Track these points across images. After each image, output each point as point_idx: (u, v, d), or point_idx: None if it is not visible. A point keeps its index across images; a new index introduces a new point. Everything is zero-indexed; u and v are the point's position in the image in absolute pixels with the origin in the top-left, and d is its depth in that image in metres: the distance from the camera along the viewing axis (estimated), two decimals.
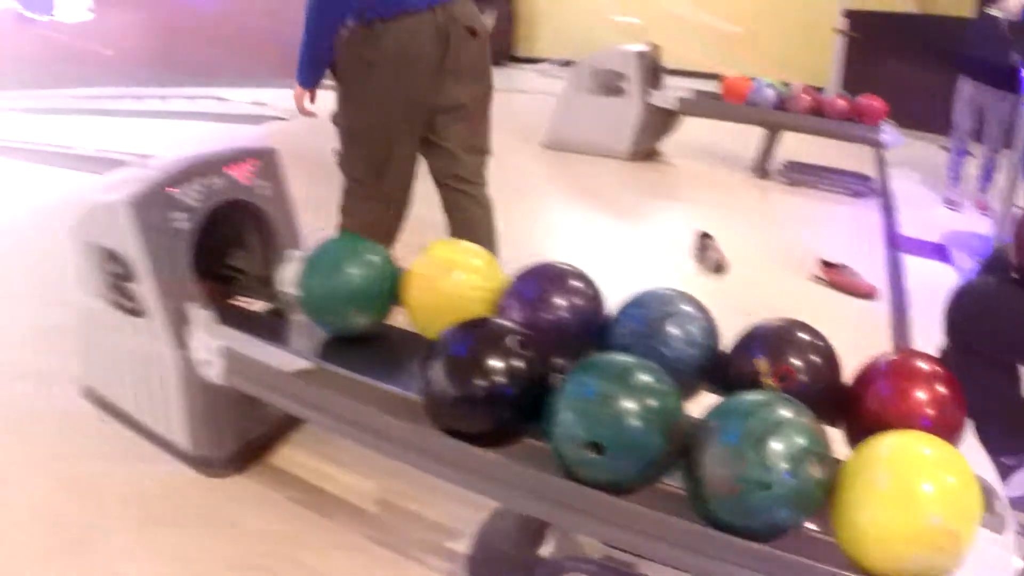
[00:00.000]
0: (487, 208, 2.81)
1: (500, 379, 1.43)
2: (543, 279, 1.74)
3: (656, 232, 4.21)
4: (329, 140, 2.67)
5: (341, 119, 2.63)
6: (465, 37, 2.56)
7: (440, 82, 2.55)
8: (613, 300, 1.75)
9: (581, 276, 1.77)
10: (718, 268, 3.60)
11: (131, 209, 2.00)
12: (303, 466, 2.21)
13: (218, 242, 2.26)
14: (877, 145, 5.10)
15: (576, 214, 4.60)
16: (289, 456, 2.25)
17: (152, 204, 2.02)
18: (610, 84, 5.42)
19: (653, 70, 5.48)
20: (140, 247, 2.02)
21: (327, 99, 2.67)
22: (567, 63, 10.25)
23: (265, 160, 2.23)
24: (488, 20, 4.82)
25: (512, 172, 5.44)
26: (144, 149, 6.88)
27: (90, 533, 1.96)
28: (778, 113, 5.14)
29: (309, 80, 2.60)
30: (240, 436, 2.18)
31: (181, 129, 8.21)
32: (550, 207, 4.73)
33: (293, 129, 3.91)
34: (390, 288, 1.88)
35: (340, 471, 2.16)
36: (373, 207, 2.66)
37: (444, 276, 1.78)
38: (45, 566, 1.86)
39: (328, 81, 2.63)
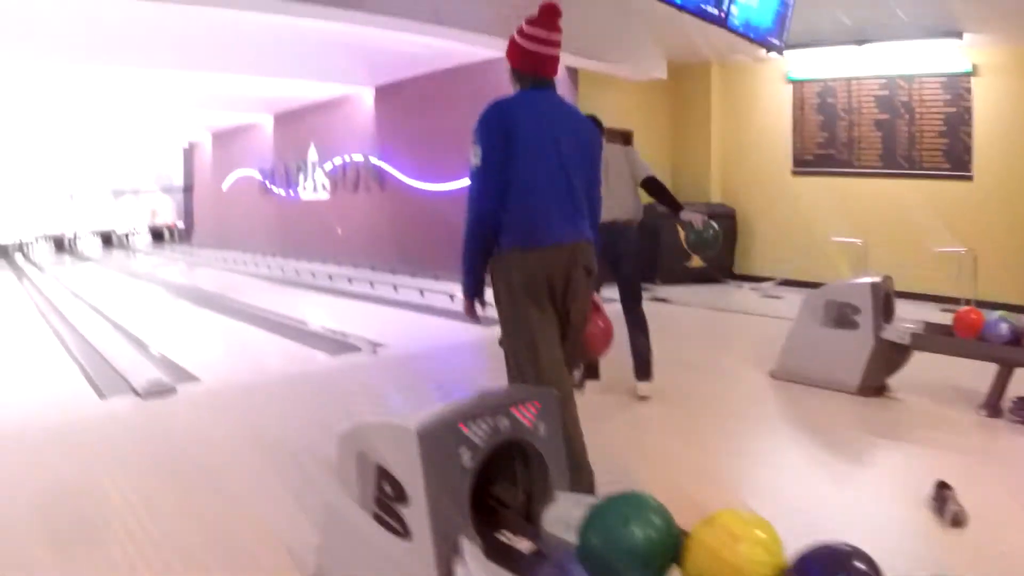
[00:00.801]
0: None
1: None
2: (829, 562, 1.75)
3: (885, 475, 4.02)
4: None
5: (503, 337, 3.04)
6: (583, 274, 3.01)
7: (562, 304, 2.97)
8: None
9: (866, 559, 1.76)
10: (956, 521, 3.41)
11: (421, 440, 2.10)
12: None
13: (487, 472, 2.31)
14: None
15: (803, 450, 4.51)
16: None
17: (441, 438, 2.13)
18: (843, 317, 5.37)
19: (886, 301, 5.38)
20: (422, 477, 2.09)
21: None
22: (785, 282, 10.41)
23: (546, 402, 2.35)
24: (697, 216, 4.94)
25: (736, 399, 5.48)
26: (374, 335, 7.42)
27: None
28: (1011, 349, 4.92)
29: (470, 289, 3.07)
30: None
31: (410, 320, 8.76)
32: (776, 440, 4.68)
33: None
34: (671, 552, 1.86)
35: None
36: None
37: (729, 547, 1.76)
38: None
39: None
